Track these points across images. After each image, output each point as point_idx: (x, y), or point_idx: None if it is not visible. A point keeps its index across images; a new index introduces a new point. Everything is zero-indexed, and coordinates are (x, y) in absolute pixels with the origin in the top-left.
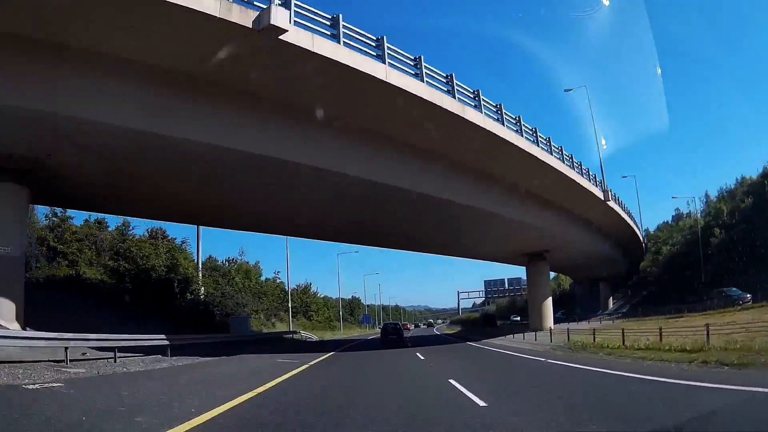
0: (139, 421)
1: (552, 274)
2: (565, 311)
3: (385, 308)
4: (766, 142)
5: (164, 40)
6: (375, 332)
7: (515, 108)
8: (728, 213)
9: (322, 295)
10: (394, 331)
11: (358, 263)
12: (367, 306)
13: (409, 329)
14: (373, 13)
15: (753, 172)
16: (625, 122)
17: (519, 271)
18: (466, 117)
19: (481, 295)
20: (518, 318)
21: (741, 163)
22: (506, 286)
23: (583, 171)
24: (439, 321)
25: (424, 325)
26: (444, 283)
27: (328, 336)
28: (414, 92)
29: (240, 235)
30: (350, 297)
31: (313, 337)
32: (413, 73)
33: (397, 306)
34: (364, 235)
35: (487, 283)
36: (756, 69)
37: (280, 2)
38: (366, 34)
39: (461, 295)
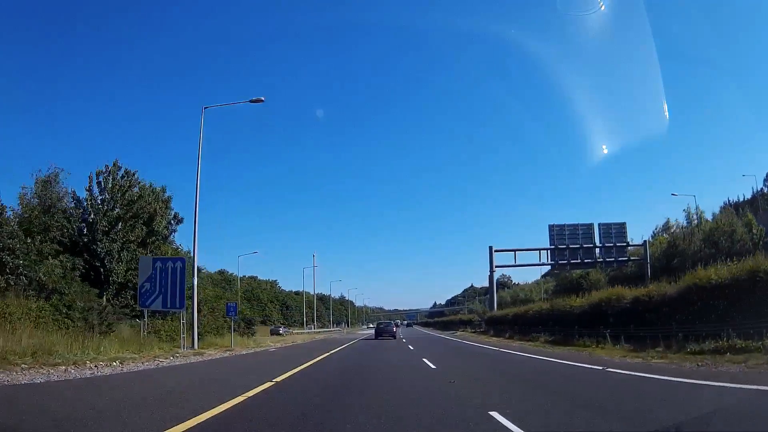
0: None
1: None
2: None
3: (323, 299)
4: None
5: None
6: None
7: (516, 107)
8: None
9: None
10: (387, 330)
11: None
12: (297, 293)
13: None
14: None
15: None
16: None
17: (611, 213)
18: None
19: (547, 257)
20: None
21: None
22: (596, 238)
23: None
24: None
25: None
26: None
27: None
28: None
29: None
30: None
31: None
32: None
33: (343, 298)
34: None
35: (556, 233)
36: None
37: None
38: None
39: (498, 257)
